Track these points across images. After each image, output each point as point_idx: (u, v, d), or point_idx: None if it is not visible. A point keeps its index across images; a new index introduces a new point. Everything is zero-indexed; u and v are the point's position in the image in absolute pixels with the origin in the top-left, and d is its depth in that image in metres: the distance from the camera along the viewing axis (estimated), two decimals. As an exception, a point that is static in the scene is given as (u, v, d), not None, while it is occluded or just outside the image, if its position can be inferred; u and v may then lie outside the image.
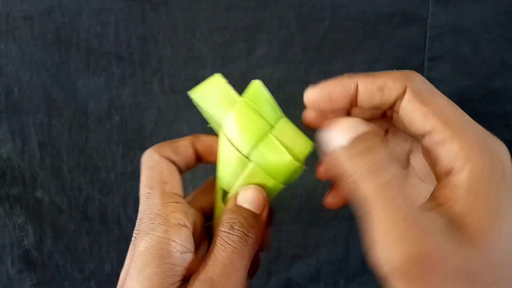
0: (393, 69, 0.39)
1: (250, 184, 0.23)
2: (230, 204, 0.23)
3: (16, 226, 0.50)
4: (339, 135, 0.19)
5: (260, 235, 0.22)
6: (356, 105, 0.22)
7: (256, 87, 0.24)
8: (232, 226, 0.21)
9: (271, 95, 0.25)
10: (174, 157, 0.24)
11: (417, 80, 0.20)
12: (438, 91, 0.20)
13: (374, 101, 0.21)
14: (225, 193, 0.25)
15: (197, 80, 0.44)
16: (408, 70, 0.21)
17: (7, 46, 0.44)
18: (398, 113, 0.21)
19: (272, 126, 0.23)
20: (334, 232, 0.48)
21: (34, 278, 0.52)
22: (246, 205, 0.22)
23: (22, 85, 0.45)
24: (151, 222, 0.21)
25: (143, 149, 0.25)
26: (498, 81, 0.42)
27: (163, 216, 0.21)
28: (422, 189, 0.24)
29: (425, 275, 0.16)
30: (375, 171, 0.18)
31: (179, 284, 0.20)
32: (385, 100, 0.21)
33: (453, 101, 0.21)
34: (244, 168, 0.23)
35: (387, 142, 0.21)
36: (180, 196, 0.23)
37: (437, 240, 0.17)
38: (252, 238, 0.21)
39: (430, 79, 0.44)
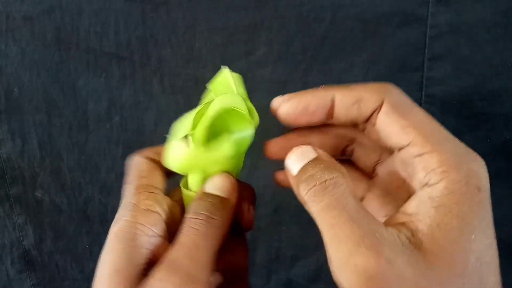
0: (392, 70, 0.40)
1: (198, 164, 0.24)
2: (198, 193, 0.23)
3: (16, 226, 0.50)
4: (292, 164, 0.21)
5: (230, 217, 0.22)
6: (331, 117, 0.22)
7: (222, 76, 0.25)
8: (196, 211, 0.22)
9: (238, 82, 0.25)
10: (157, 157, 0.25)
11: (395, 93, 0.20)
12: (416, 105, 0.20)
13: (351, 114, 0.21)
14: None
15: (197, 80, 0.44)
16: (385, 82, 0.21)
17: (7, 46, 0.44)
18: (373, 125, 0.21)
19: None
20: (334, 232, 0.48)
21: (34, 278, 0.52)
22: (212, 191, 0.23)
23: (22, 85, 0.45)
24: (123, 210, 0.22)
25: (143, 149, 0.25)
26: (498, 81, 0.42)
27: (134, 203, 0.22)
28: (387, 200, 0.23)
29: None
30: (319, 191, 0.19)
31: (144, 266, 0.20)
32: (362, 113, 0.21)
33: (453, 101, 0.21)
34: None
35: (337, 164, 0.21)
36: (157, 188, 0.23)
37: (387, 254, 0.17)
38: (216, 219, 0.21)
39: (430, 79, 0.45)
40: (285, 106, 0.22)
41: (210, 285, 0.20)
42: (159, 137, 0.49)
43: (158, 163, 0.25)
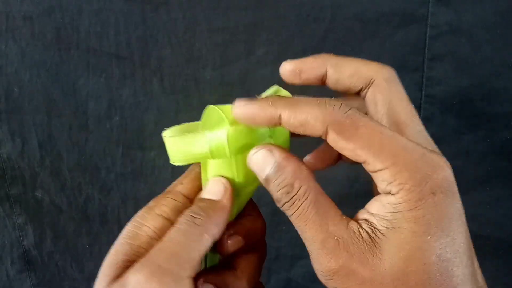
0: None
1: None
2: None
3: (16, 226, 0.50)
4: (259, 168, 0.22)
5: (219, 217, 0.23)
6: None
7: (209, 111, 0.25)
8: (184, 214, 0.23)
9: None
10: None
11: (337, 114, 0.20)
12: (364, 119, 0.20)
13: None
14: None
15: (197, 80, 0.44)
16: (328, 98, 0.21)
17: (7, 46, 0.44)
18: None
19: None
20: (334, 232, 0.48)
21: (34, 278, 0.52)
22: (205, 195, 0.24)
23: (22, 85, 0.45)
24: (142, 210, 0.24)
25: (143, 149, 0.25)
26: (498, 81, 0.42)
27: (151, 207, 0.23)
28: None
29: (340, 285, 0.20)
30: (289, 208, 0.21)
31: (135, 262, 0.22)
32: (310, 134, 0.21)
33: (453, 101, 0.21)
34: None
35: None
36: (186, 197, 0.24)
37: (348, 256, 0.20)
38: (200, 219, 0.22)
39: (430, 79, 0.45)
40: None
41: (187, 280, 0.21)
42: (159, 137, 0.49)
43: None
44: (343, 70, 0.24)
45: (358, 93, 0.25)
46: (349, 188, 0.47)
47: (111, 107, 0.45)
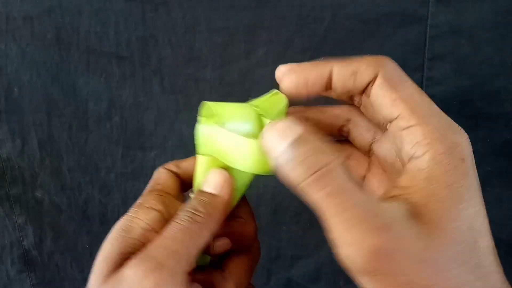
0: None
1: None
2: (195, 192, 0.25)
3: (16, 226, 0.50)
4: (277, 142, 0.19)
5: (219, 212, 0.23)
6: (330, 88, 0.23)
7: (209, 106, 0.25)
8: (184, 208, 0.23)
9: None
10: (176, 170, 0.27)
11: (389, 66, 0.21)
12: (409, 79, 0.21)
13: (347, 85, 0.22)
14: None
15: (197, 80, 0.44)
16: (382, 56, 0.21)
17: (7, 46, 0.44)
18: (368, 98, 0.22)
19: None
20: (334, 232, 0.48)
21: (34, 278, 0.52)
22: (206, 188, 0.24)
23: (22, 85, 0.45)
24: (131, 209, 0.24)
25: (143, 149, 0.25)
26: (498, 81, 0.42)
27: (140, 203, 0.24)
28: (384, 178, 0.24)
29: (386, 267, 0.17)
30: (320, 178, 0.18)
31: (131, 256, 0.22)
32: (358, 84, 0.21)
33: (453, 101, 0.21)
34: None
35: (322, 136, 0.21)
36: (169, 194, 0.25)
37: (395, 231, 0.17)
38: (200, 216, 0.22)
39: (430, 79, 0.45)
40: (287, 79, 0.23)
41: (183, 276, 0.21)
42: (159, 137, 0.49)
43: (176, 175, 0.26)
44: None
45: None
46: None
47: (111, 107, 0.45)
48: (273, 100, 0.25)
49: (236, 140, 0.23)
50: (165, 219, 0.23)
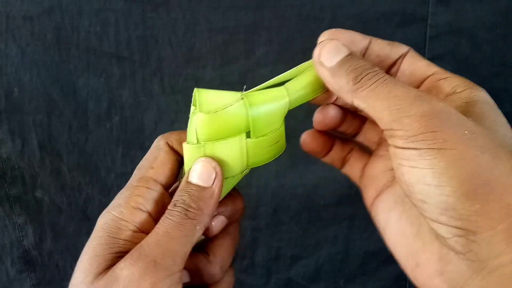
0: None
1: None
2: (182, 182, 0.24)
3: (16, 226, 0.50)
4: (329, 57, 0.23)
5: (210, 207, 0.23)
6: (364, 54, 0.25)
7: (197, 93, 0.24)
8: (175, 204, 0.22)
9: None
10: (178, 147, 0.25)
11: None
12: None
13: (384, 52, 0.25)
14: None
15: (197, 80, 0.44)
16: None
17: (7, 46, 0.44)
18: (398, 68, 0.25)
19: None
20: (334, 232, 0.48)
21: (34, 278, 0.52)
22: (194, 180, 0.23)
23: (22, 85, 0.45)
24: (116, 201, 0.24)
25: (143, 149, 0.25)
26: (498, 81, 0.42)
27: (126, 198, 0.23)
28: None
29: (440, 126, 0.19)
30: (367, 82, 0.21)
31: (122, 255, 0.21)
32: (393, 53, 0.25)
33: None
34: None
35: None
36: (159, 183, 0.24)
37: (445, 104, 0.20)
38: (193, 212, 0.22)
39: (430, 79, 0.44)
40: (339, 33, 0.25)
41: (178, 274, 0.21)
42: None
43: (176, 153, 0.25)
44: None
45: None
46: (349, 188, 0.47)
47: (111, 107, 0.45)
48: (269, 95, 0.26)
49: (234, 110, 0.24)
50: (154, 219, 0.23)
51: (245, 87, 0.26)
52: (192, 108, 0.25)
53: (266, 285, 0.50)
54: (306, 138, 0.27)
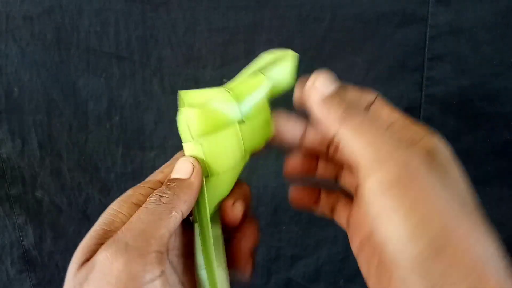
0: (392, 70, 0.39)
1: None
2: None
3: (16, 226, 0.50)
4: (326, 85, 0.24)
5: (187, 195, 0.24)
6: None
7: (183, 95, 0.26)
8: (152, 195, 0.23)
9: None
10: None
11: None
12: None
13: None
14: None
15: (197, 80, 0.44)
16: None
17: (7, 46, 0.44)
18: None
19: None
20: (334, 232, 0.48)
21: (34, 278, 0.52)
22: (174, 175, 0.24)
23: (22, 85, 0.45)
24: (120, 198, 0.25)
25: (143, 149, 0.25)
26: (498, 81, 0.42)
27: (129, 195, 0.24)
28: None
29: (411, 183, 0.20)
30: (355, 116, 0.22)
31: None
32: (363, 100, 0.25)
33: (453, 101, 0.21)
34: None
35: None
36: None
37: (421, 157, 0.21)
38: (167, 197, 0.23)
39: (430, 79, 0.45)
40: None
41: (154, 254, 0.21)
42: (159, 137, 0.49)
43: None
44: None
45: None
46: (349, 188, 0.47)
47: (111, 107, 0.45)
48: (251, 83, 0.26)
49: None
50: None
51: (224, 80, 0.27)
52: (180, 111, 0.25)
53: (266, 285, 0.50)
54: (292, 195, 0.28)
